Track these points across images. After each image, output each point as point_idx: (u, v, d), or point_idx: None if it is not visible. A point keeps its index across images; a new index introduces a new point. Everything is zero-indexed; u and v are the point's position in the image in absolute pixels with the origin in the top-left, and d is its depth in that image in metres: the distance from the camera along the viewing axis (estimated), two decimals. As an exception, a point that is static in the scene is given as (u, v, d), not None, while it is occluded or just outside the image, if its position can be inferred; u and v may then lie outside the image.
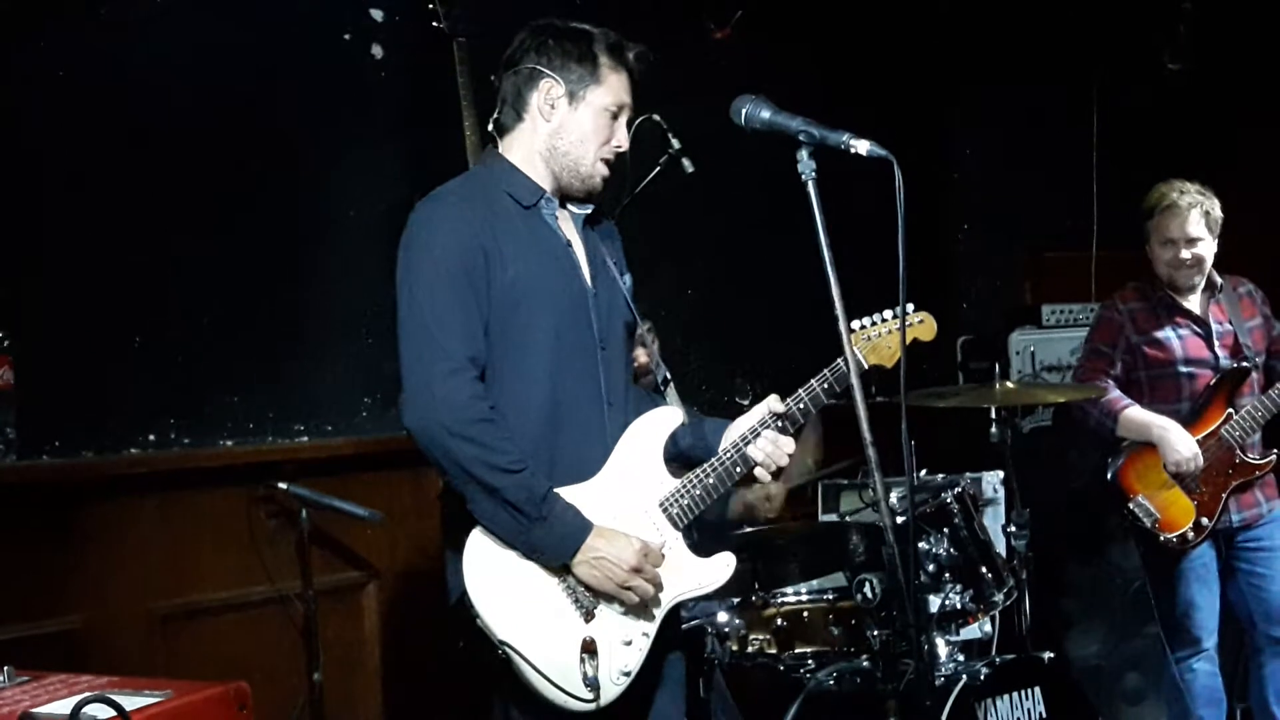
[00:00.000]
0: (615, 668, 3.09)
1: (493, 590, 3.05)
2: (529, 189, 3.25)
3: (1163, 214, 4.98)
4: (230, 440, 4.58)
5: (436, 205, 3.19)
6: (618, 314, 3.34)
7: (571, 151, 3.25)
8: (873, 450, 2.87)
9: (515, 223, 3.20)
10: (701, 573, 3.25)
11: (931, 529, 4.39)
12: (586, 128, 3.25)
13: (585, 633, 3.08)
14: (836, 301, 2.92)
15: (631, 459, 3.24)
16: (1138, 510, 4.89)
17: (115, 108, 4.28)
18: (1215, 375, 4.94)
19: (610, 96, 3.27)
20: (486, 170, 3.32)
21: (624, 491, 3.20)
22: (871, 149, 2.86)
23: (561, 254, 3.25)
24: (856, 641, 4.41)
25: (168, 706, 2.30)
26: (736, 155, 4.86)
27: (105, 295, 4.26)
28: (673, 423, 3.31)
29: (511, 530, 3.04)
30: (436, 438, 3.00)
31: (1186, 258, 4.94)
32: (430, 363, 3.03)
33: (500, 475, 3.01)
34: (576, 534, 3.07)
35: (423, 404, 3.02)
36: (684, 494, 3.24)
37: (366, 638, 4.80)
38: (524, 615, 3.05)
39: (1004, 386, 4.78)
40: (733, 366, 6.11)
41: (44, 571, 4.05)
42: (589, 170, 3.27)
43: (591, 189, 3.31)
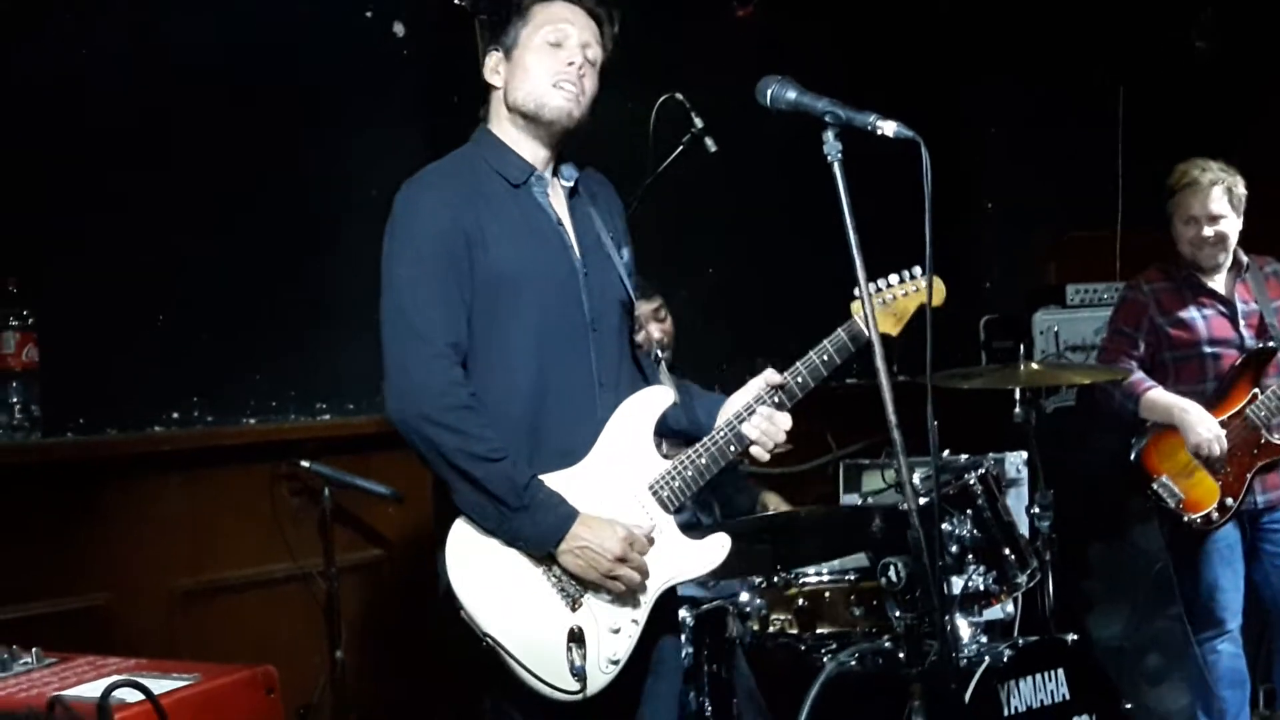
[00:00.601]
0: (604, 656, 3.04)
1: (476, 582, 2.99)
2: (518, 167, 3.19)
3: (1184, 191, 4.95)
4: (253, 418, 4.59)
5: (417, 188, 3.14)
6: (612, 293, 3.27)
7: (528, 95, 3.16)
8: (898, 433, 2.84)
9: (503, 202, 3.15)
10: (695, 555, 3.18)
11: (955, 510, 4.38)
12: (528, 67, 3.16)
13: (572, 621, 3.03)
14: (862, 284, 2.90)
15: (620, 441, 3.16)
16: (1161, 491, 4.87)
17: (137, 84, 4.28)
18: (1240, 355, 4.91)
19: (541, 27, 3.18)
20: (476, 147, 3.25)
21: (613, 475, 3.13)
22: (899, 130, 2.84)
23: (551, 234, 3.18)
24: (878, 622, 4.41)
25: (196, 690, 2.30)
26: (759, 134, 4.84)
27: (129, 274, 4.26)
28: (663, 403, 3.23)
29: (493, 520, 2.99)
30: (416, 426, 2.96)
31: (1209, 235, 4.91)
32: (410, 350, 3.00)
33: (480, 464, 2.96)
34: (560, 523, 3.01)
35: (402, 392, 2.99)
36: (675, 476, 3.16)
37: (388, 615, 4.81)
38: (509, 606, 2.99)
39: (1028, 367, 4.76)
40: (753, 345, 6.09)
41: (68, 549, 4.06)
42: (543, 100, 3.15)
43: (557, 116, 3.16)
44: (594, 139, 3.35)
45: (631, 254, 3.39)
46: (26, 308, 3.99)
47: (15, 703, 2.24)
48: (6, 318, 3.97)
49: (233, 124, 4.49)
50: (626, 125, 4.78)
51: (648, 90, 4.60)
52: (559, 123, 3.17)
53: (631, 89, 4.82)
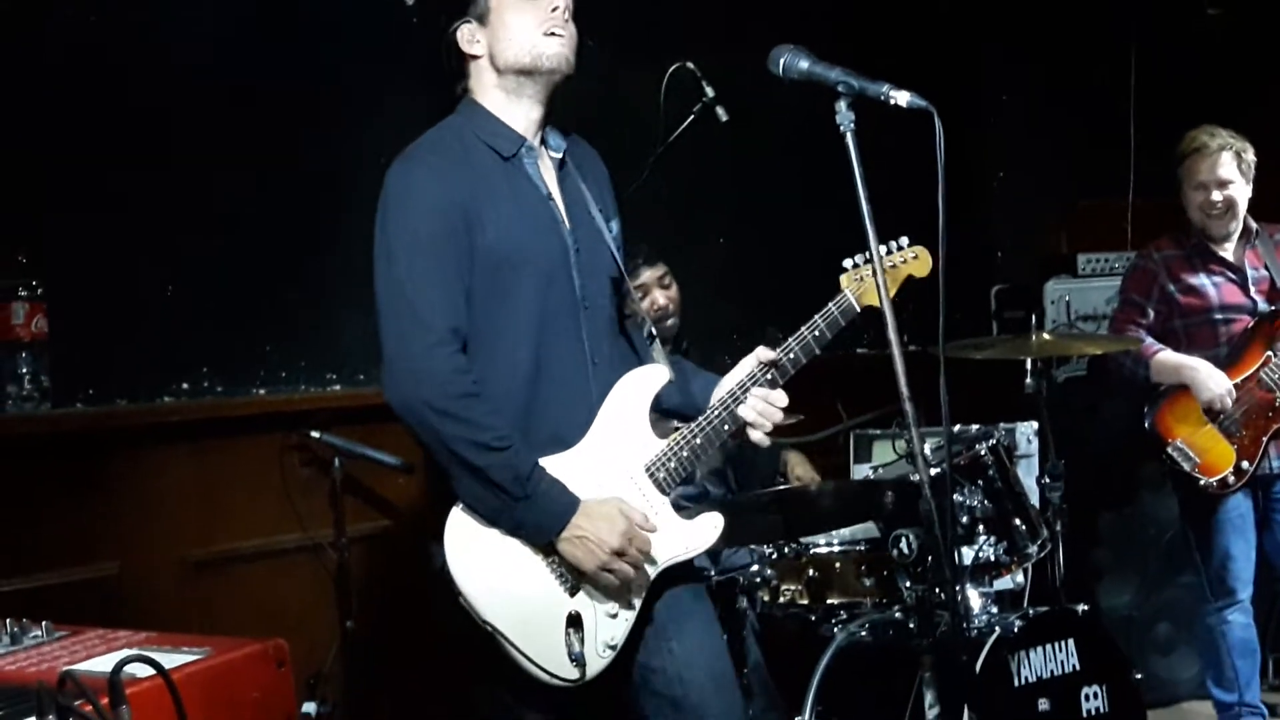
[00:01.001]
0: (601, 641, 3.02)
1: (475, 569, 2.96)
2: (508, 138, 3.12)
3: (1193, 157, 4.95)
4: (263, 389, 4.60)
5: (413, 165, 3.06)
6: (602, 269, 3.21)
7: (511, 54, 3.08)
8: (909, 404, 2.83)
9: (494, 178, 3.07)
10: (688, 535, 3.14)
11: (965, 481, 4.37)
12: (508, 24, 3.08)
13: (570, 607, 3.00)
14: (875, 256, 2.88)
15: (616, 421, 3.12)
16: (1176, 454, 4.86)
17: (147, 56, 4.27)
18: (1253, 320, 4.90)
19: None
20: (462, 119, 3.17)
21: (609, 457, 3.09)
22: (912, 100, 2.81)
23: (542, 209, 3.12)
24: (889, 593, 4.41)
25: (207, 664, 2.29)
26: (771, 104, 4.82)
27: (138, 244, 4.26)
28: (658, 382, 3.18)
29: (495, 509, 2.95)
30: (420, 414, 2.90)
31: (1217, 200, 4.90)
32: (411, 337, 2.92)
33: (485, 453, 2.90)
34: (562, 512, 2.97)
35: (405, 380, 2.92)
36: (670, 457, 3.12)
37: (398, 585, 4.81)
38: (507, 593, 2.96)
39: (1040, 337, 4.74)
40: (763, 315, 6.07)
41: (79, 520, 4.08)
42: (538, 50, 3.08)
43: (555, 64, 3.09)
44: (604, 108, 3.33)
45: (620, 226, 3.32)
46: (36, 279, 3.99)
47: (26, 677, 2.24)
48: (15, 289, 3.97)
49: (243, 97, 4.48)
50: (637, 94, 4.75)
51: (658, 59, 4.57)
52: (559, 70, 3.11)
53: (642, 58, 4.80)
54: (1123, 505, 5.74)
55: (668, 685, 3.13)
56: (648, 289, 4.75)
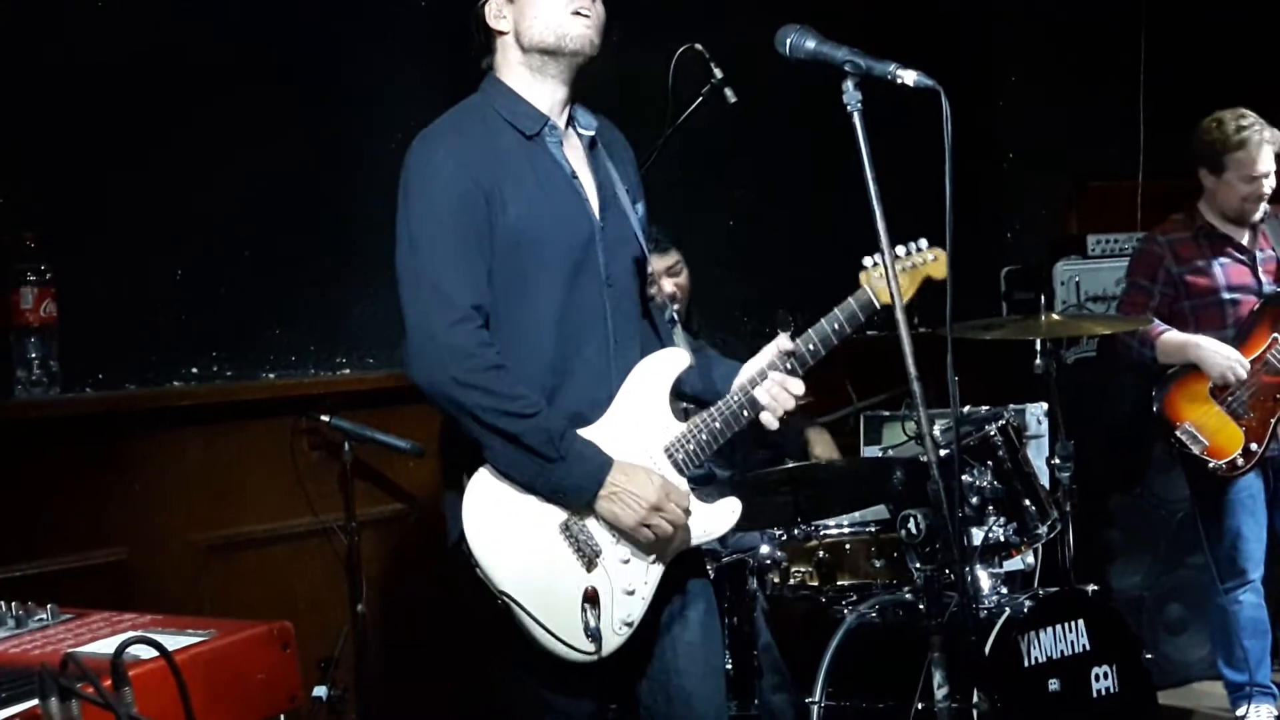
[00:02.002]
0: (618, 618, 3.02)
1: (492, 539, 2.96)
2: (531, 116, 3.10)
3: (1245, 150, 4.91)
4: (273, 373, 4.60)
5: (434, 144, 3.05)
6: (626, 248, 3.21)
7: (537, 32, 3.06)
8: (918, 385, 2.82)
9: (517, 156, 3.06)
10: (706, 519, 3.14)
11: (975, 462, 4.36)
12: (536, 3, 3.05)
13: (587, 582, 3.00)
14: (882, 236, 2.87)
15: (636, 402, 3.12)
16: (1184, 437, 4.86)
17: (155, 37, 4.27)
18: (1260, 300, 4.90)
19: None
20: (485, 97, 3.14)
21: (628, 437, 3.09)
22: (919, 79, 2.80)
23: (566, 187, 3.11)
24: (899, 574, 4.41)
25: (211, 646, 2.29)
26: (779, 84, 4.81)
27: (147, 228, 4.26)
28: (678, 365, 3.18)
29: (532, 473, 2.95)
30: (447, 390, 2.90)
31: (1267, 191, 4.92)
32: (435, 314, 2.91)
33: (516, 421, 2.90)
34: (598, 470, 2.98)
35: (430, 357, 2.91)
36: (690, 439, 3.12)
37: (409, 569, 4.82)
38: (525, 564, 2.97)
39: (1049, 318, 4.73)
40: (774, 297, 6.06)
41: (90, 504, 4.08)
42: (564, 30, 3.05)
43: (580, 46, 3.07)
44: (613, 89, 3.32)
45: (645, 208, 3.32)
46: (45, 263, 3.99)
47: (29, 659, 2.24)
48: (25, 273, 3.97)
49: (252, 79, 4.48)
50: (646, 76, 4.74)
51: (667, 40, 4.56)
52: (583, 52, 3.09)
53: (651, 39, 4.79)
54: (1133, 486, 5.73)
55: (663, 672, 3.16)
56: (656, 277, 4.72)
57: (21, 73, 4.04)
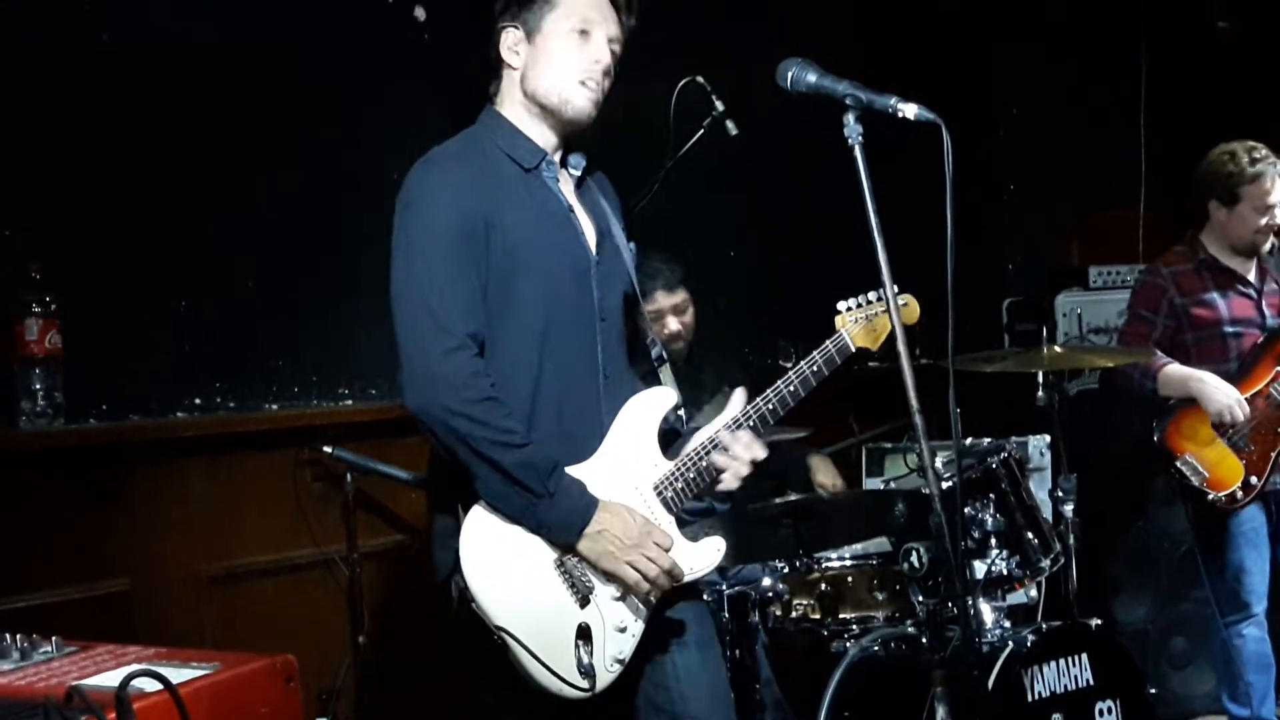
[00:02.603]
0: (610, 654, 3.02)
1: (489, 574, 2.96)
2: (529, 150, 3.12)
3: (1258, 182, 4.93)
4: (275, 404, 4.61)
5: (434, 170, 3.06)
6: (619, 284, 3.22)
7: (542, 87, 3.09)
8: (920, 418, 2.83)
9: (515, 187, 3.08)
10: (692, 557, 3.13)
11: (978, 494, 4.36)
12: (553, 56, 3.09)
13: (581, 618, 3.00)
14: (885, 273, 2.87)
15: (625, 440, 3.13)
16: (1185, 469, 4.86)
17: (157, 72, 4.29)
18: (1262, 334, 4.90)
19: (570, 16, 3.10)
20: (484, 129, 3.17)
21: (618, 473, 3.10)
22: (919, 113, 2.81)
23: (564, 220, 3.13)
24: (901, 607, 4.40)
25: (215, 679, 2.29)
26: (780, 116, 4.82)
27: (151, 260, 4.28)
28: (666, 404, 3.20)
29: (518, 507, 2.95)
30: (440, 418, 2.89)
31: (1276, 225, 4.93)
32: (430, 341, 2.92)
33: (506, 452, 2.91)
34: (583, 509, 2.98)
35: (423, 385, 2.91)
36: (678, 477, 3.14)
37: (410, 600, 4.81)
38: (521, 600, 2.96)
39: (1052, 350, 4.73)
40: (774, 328, 6.07)
41: (92, 535, 4.08)
42: (567, 96, 3.09)
43: (578, 115, 3.11)
44: (615, 122, 3.33)
45: (635, 247, 3.33)
46: (49, 294, 4.00)
47: (34, 692, 2.24)
48: (30, 304, 3.97)
49: (252, 111, 4.50)
50: (647, 108, 4.76)
51: (668, 73, 4.58)
52: (578, 121, 3.13)
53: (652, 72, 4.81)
54: (1136, 519, 5.73)
55: (670, 701, 3.15)
56: (661, 314, 4.73)
57: (26, 105, 4.05)
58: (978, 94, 7.05)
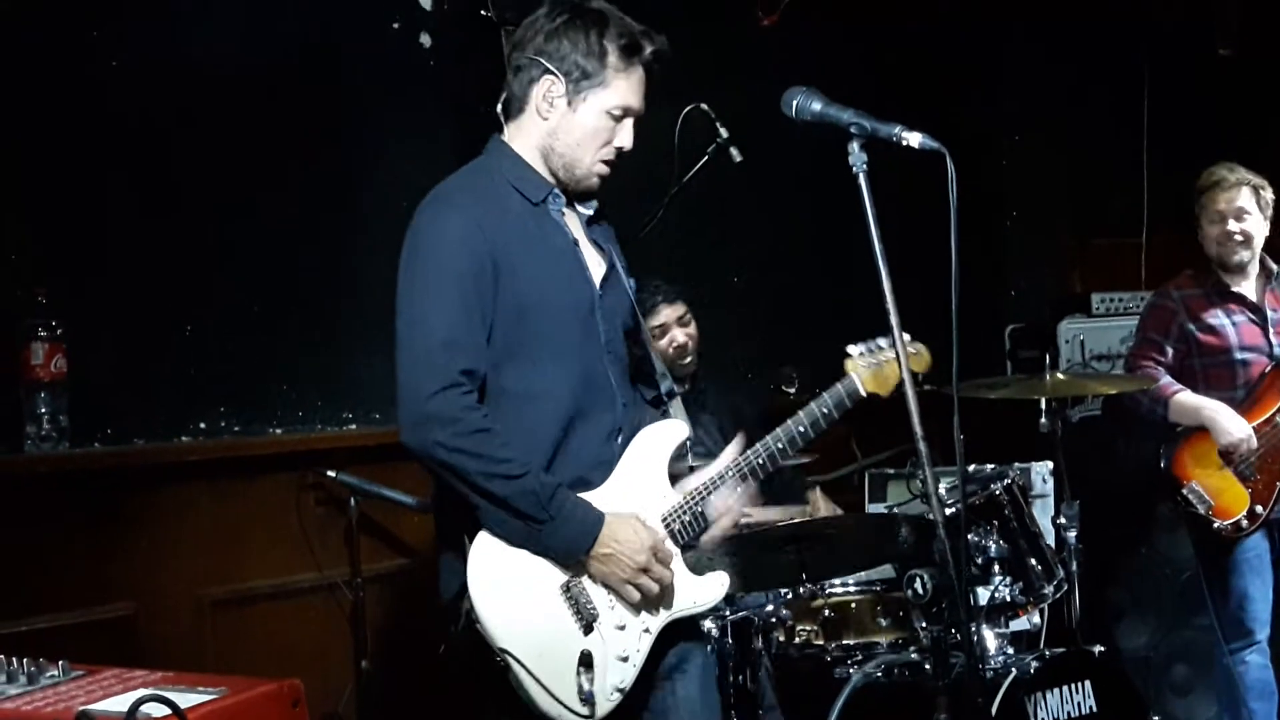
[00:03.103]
0: (610, 683, 3.03)
1: (495, 597, 2.97)
2: (537, 185, 3.13)
3: (1211, 190, 4.98)
4: (280, 428, 4.61)
5: (443, 208, 3.05)
6: (621, 319, 3.24)
7: (567, 154, 3.12)
8: (924, 445, 2.83)
9: (524, 221, 3.08)
10: (696, 591, 3.16)
11: (981, 521, 4.36)
12: (586, 130, 3.11)
13: (584, 645, 3.01)
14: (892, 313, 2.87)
15: (636, 470, 3.16)
16: (1191, 496, 4.86)
17: (165, 99, 4.30)
18: (1271, 362, 4.90)
19: (615, 99, 3.11)
20: (492, 160, 3.17)
21: (627, 503, 3.11)
22: (924, 142, 2.82)
23: (570, 255, 3.14)
24: (904, 634, 4.40)
25: (222, 704, 2.29)
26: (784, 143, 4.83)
27: (156, 284, 4.29)
28: (678, 437, 3.22)
29: (522, 535, 2.97)
30: (435, 455, 2.90)
31: (1235, 231, 4.92)
32: (424, 379, 2.91)
33: (504, 483, 2.91)
34: (590, 528, 2.99)
35: (415, 420, 2.91)
36: (686, 510, 3.16)
37: (413, 625, 4.81)
38: (525, 624, 2.98)
39: (1055, 377, 4.74)
40: (779, 353, 6.08)
41: (97, 558, 4.09)
42: (584, 172, 3.14)
43: (587, 189, 3.18)
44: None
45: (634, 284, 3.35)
46: (55, 318, 4.01)
47: (43, 716, 2.25)
48: (35, 329, 3.98)
49: (259, 135, 4.51)
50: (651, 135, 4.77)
51: (673, 100, 4.59)
52: (583, 191, 3.18)
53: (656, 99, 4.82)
54: (1139, 545, 5.73)
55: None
56: (667, 327, 4.78)
57: (32, 129, 4.07)
58: (980, 121, 7.07)
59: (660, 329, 4.75)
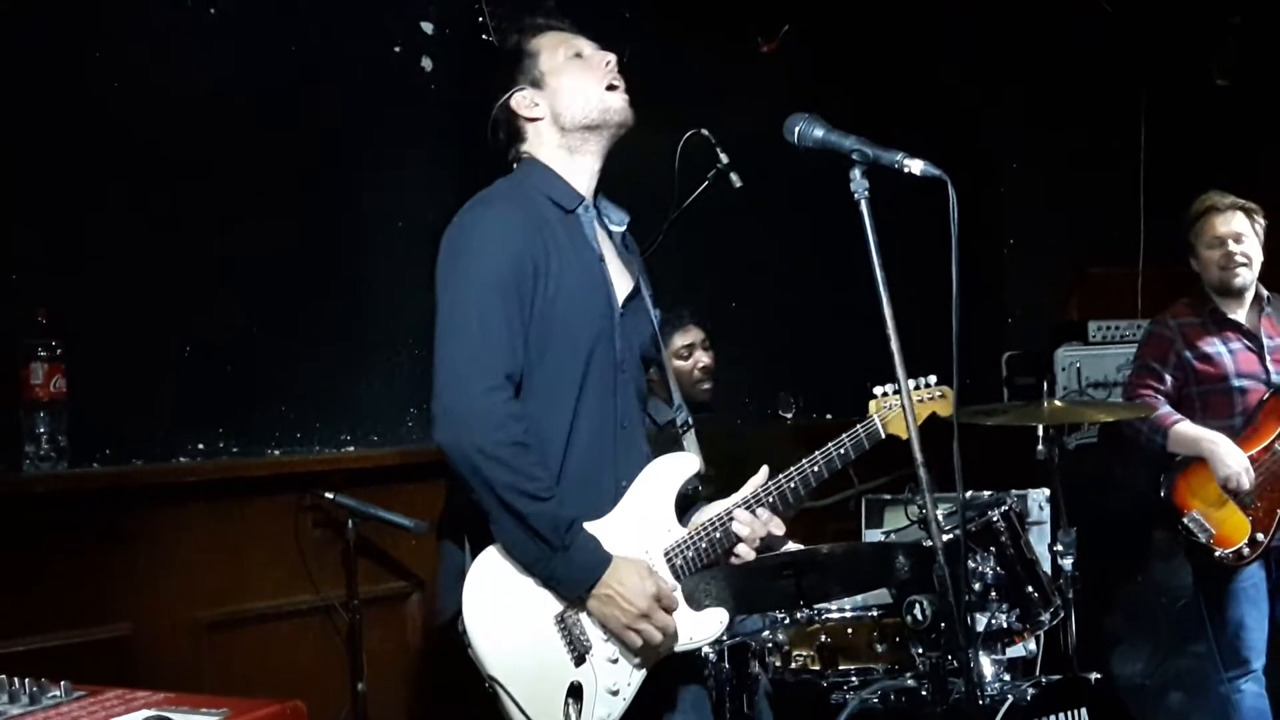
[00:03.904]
0: (598, 716, 3.03)
1: (489, 622, 2.98)
2: (569, 194, 3.18)
3: (1206, 215, 5.01)
4: (278, 450, 4.61)
5: (488, 210, 3.10)
6: (638, 339, 3.27)
7: (579, 111, 3.19)
8: (924, 471, 2.84)
9: (557, 231, 3.12)
10: (694, 627, 3.16)
11: (978, 548, 4.36)
12: (568, 82, 3.20)
13: (574, 676, 3.02)
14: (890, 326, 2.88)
15: (643, 503, 3.16)
16: (1192, 525, 4.87)
17: (166, 120, 4.31)
18: (1268, 390, 4.91)
19: (557, 48, 3.23)
20: (523, 174, 3.23)
21: (631, 536, 3.11)
22: (925, 169, 2.84)
23: (595, 268, 3.17)
24: (901, 659, 4.39)
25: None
26: (783, 168, 4.86)
27: (156, 305, 4.29)
28: (688, 471, 3.23)
29: (532, 557, 2.97)
30: (469, 458, 2.90)
31: (1236, 253, 4.95)
32: (469, 379, 2.93)
33: (530, 502, 2.92)
34: (596, 567, 3.00)
35: (458, 422, 2.92)
36: (689, 546, 3.16)
37: (410, 648, 4.81)
38: (517, 652, 2.98)
39: (1052, 405, 4.75)
40: (776, 379, 6.09)
41: (95, 579, 4.07)
42: (605, 104, 3.20)
43: (621, 117, 3.22)
44: (619, 174, 3.37)
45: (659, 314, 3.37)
46: (55, 338, 4.01)
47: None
48: (35, 349, 3.98)
49: (258, 158, 4.52)
50: (651, 160, 4.79)
51: (673, 126, 4.61)
52: (626, 123, 3.23)
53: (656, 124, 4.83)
54: (1134, 573, 5.73)
55: None
56: (694, 348, 4.85)
57: (33, 149, 4.07)
58: (978, 149, 7.10)
59: (688, 348, 4.92)
